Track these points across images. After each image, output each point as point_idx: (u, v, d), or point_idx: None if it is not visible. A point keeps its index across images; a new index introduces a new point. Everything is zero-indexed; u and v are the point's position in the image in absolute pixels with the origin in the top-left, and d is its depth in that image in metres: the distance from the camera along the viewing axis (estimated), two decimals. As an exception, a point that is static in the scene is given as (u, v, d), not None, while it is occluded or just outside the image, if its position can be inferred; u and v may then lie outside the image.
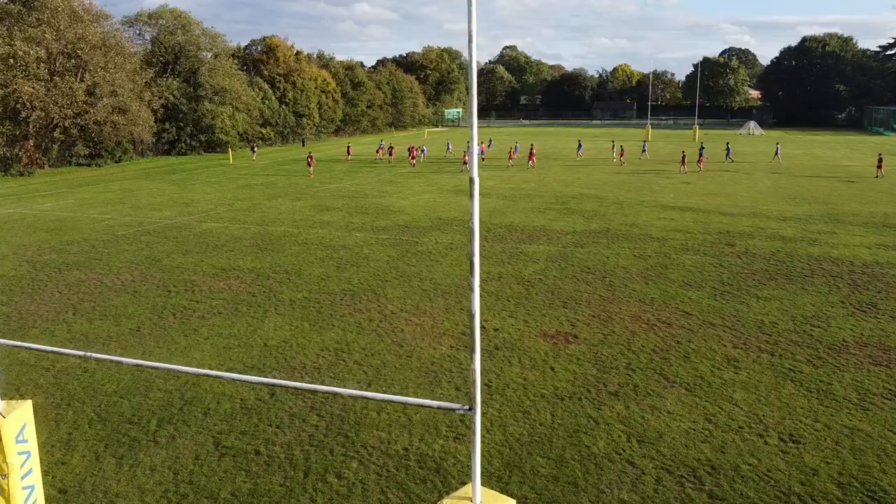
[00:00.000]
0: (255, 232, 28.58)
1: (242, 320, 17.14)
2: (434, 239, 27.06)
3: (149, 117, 55.78)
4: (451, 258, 23.73)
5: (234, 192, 41.12)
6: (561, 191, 40.63)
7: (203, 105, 65.18)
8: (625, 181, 44.97)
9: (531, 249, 25.04)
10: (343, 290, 19.80)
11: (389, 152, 60.35)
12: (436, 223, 30.45)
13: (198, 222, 30.97)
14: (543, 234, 27.82)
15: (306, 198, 38.45)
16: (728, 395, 12.76)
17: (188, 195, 40.05)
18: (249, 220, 31.32)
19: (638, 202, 36.11)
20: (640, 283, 20.52)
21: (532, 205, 35.42)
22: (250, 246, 25.86)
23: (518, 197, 38.12)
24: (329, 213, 33.33)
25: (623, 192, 39.69)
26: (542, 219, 31.38)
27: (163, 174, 52.07)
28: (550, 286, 20.15)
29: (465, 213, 32.83)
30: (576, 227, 29.45)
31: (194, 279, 21.09)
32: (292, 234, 28.21)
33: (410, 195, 39.10)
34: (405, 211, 33.74)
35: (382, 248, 25.37)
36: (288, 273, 21.80)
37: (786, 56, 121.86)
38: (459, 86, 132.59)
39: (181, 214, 33.18)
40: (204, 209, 34.79)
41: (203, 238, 27.41)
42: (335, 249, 25.23)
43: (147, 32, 65.93)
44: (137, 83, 56.59)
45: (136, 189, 43.12)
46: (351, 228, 29.30)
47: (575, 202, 36.19)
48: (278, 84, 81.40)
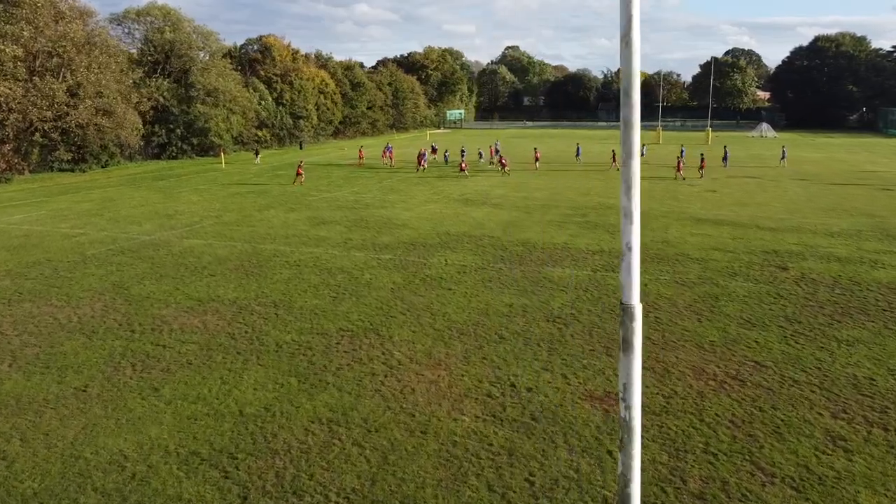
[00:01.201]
0: (242, 251, 25.40)
1: (216, 374, 13.96)
2: (444, 259, 23.90)
3: (136, 120, 52.58)
4: (465, 285, 20.56)
5: (223, 202, 37.94)
6: (577, 200, 37.48)
7: (195, 107, 62.00)
8: (645, 189, 41.77)
9: (556, 274, 21.87)
10: (340, 330, 16.63)
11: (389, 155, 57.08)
12: (444, 239, 27.30)
13: (179, 238, 27.79)
14: (567, 254, 24.65)
15: (301, 208, 35.28)
16: (850, 497, 9.60)
17: (173, 205, 36.87)
18: (237, 236, 28.14)
19: (664, 214, 32.96)
20: (690, 319, 17.36)
21: (549, 217, 32.26)
22: (235, 269, 22.67)
23: (532, 208, 34.95)
24: (325, 227, 30.16)
25: (645, 202, 36.52)
26: (563, 234, 28.22)
27: (149, 180, 48.87)
28: (586, 324, 16.98)
29: (476, 228, 29.70)
30: (602, 244, 26.28)
31: (165, 314, 17.90)
32: (283, 253, 25.03)
33: (414, 205, 35.94)
34: (409, 224, 30.58)
35: (385, 272, 22.20)
36: (276, 305, 18.63)
37: (797, 56, 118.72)
38: (462, 86, 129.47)
39: (162, 228, 30.01)
40: (188, 222, 31.61)
41: (182, 259, 24.22)
42: (331, 273, 22.05)
43: (136, 31, 62.78)
44: (124, 84, 53.39)
45: (118, 198, 39.93)
46: (349, 246, 26.13)
47: (595, 214, 33.03)
48: (275, 85, 78.22)
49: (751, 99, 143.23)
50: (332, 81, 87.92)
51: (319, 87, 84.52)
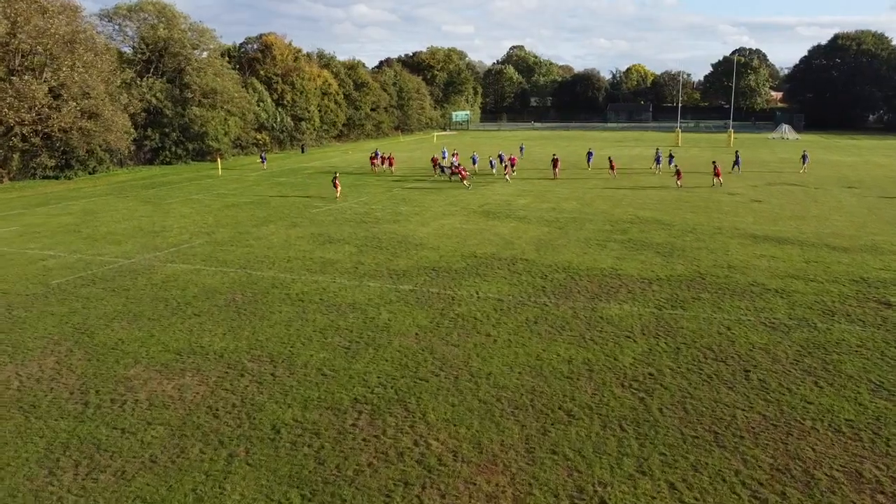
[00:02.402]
0: (236, 280, 21.55)
1: (187, 483, 10.11)
2: (475, 291, 20.04)
3: (125, 123, 48.80)
4: (506, 329, 16.70)
5: (218, 215, 34.11)
6: (612, 212, 33.59)
7: (191, 109, 58.20)
8: (682, 199, 37.91)
9: (614, 312, 18.00)
10: (356, 401, 12.78)
11: (389, 162, 51.68)
12: (471, 263, 23.43)
13: (163, 263, 23.95)
14: (619, 283, 20.78)
15: (304, 223, 31.45)
16: None
17: (160, 219, 33.04)
18: (230, 259, 24.30)
19: (715, 230, 29.07)
20: (807, 384, 13.47)
21: (585, 233, 28.40)
22: (225, 305, 18.82)
23: (564, 222, 31.08)
24: (332, 247, 26.32)
25: (689, 215, 32.66)
26: (607, 256, 24.35)
27: (139, 189, 45.06)
28: (675, 392, 13.10)
29: (505, 247, 25.84)
30: (656, 269, 22.41)
31: (132, 375, 14.06)
32: (284, 282, 21.19)
33: (431, 219, 32.08)
34: (429, 243, 26.73)
35: (407, 310, 18.34)
36: (273, 361, 14.78)
37: (815, 55, 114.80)
38: (468, 87, 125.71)
39: (145, 249, 26.18)
40: (175, 240, 27.78)
41: (163, 291, 20.38)
42: (341, 311, 18.20)
43: (128, 28, 59.03)
44: (113, 84, 49.62)
45: (101, 210, 36.12)
46: (361, 273, 22.27)
47: (637, 230, 29.15)
48: (275, 85, 74.48)
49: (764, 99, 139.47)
50: (335, 82, 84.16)
51: (322, 87, 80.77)
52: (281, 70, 75.93)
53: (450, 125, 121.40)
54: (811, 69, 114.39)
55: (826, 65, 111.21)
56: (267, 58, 76.81)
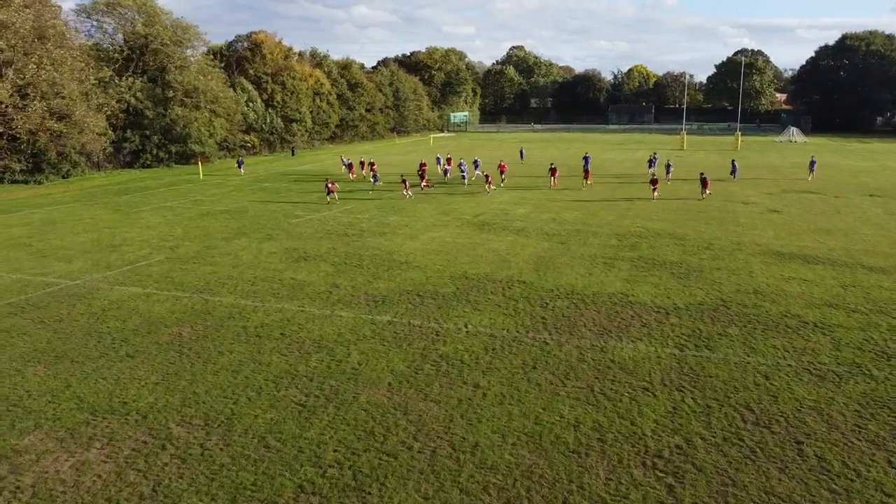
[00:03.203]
0: (188, 307, 18.66)
1: None
2: (464, 324, 17.16)
3: (98, 124, 45.84)
4: (498, 377, 13.83)
5: (188, 225, 31.24)
6: (619, 224, 30.73)
7: (173, 109, 55.29)
8: (695, 209, 35.04)
9: (627, 354, 15.13)
10: (300, 490, 9.89)
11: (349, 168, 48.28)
12: (462, 286, 20.56)
13: (110, 285, 21.06)
14: (631, 313, 17.91)
15: (280, 236, 28.57)
16: None
17: (125, 230, 30.16)
18: (188, 281, 21.41)
19: (734, 245, 26.20)
20: (878, 464, 10.61)
21: (590, 249, 25.52)
22: (167, 344, 15.94)
23: (566, 235, 28.20)
24: (307, 265, 23.43)
25: (703, 228, 29.79)
26: (615, 278, 21.47)
27: (111, 195, 42.17)
28: (712, 479, 10.22)
29: (501, 266, 22.97)
30: (672, 295, 19.54)
31: (24, 447, 11.18)
32: (244, 311, 18.31)
33: (421, 231, 29.21)
34: (415, 261, 23.85)
35: (382, 349, 15.46)
36: (208, 425, 11.91)
37: (822, 56, 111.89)
38: (466, 87, 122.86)
39: (96, 268, 23.29)
40: (133, 257, 24.90)
41: (101, 322, 17.49)
42: (304, 352, 15.32)
43: (107, 24, 56.09)
44: (87, 83, 46.72)
45: (62, 220, 33.24)
46: (335, 300, 19.38)
47: (647, 245, 26.28)
48: (265, 85, 71.58)
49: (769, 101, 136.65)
50: (328, 81, 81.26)
51: (314, 87, 77.87)
52: (271, 69, 73.04)
53: (448, 127, 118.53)
54: (818, 70, 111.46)
55: (834, 66, 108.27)
56: (256, 56, 73.93)
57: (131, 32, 55.02)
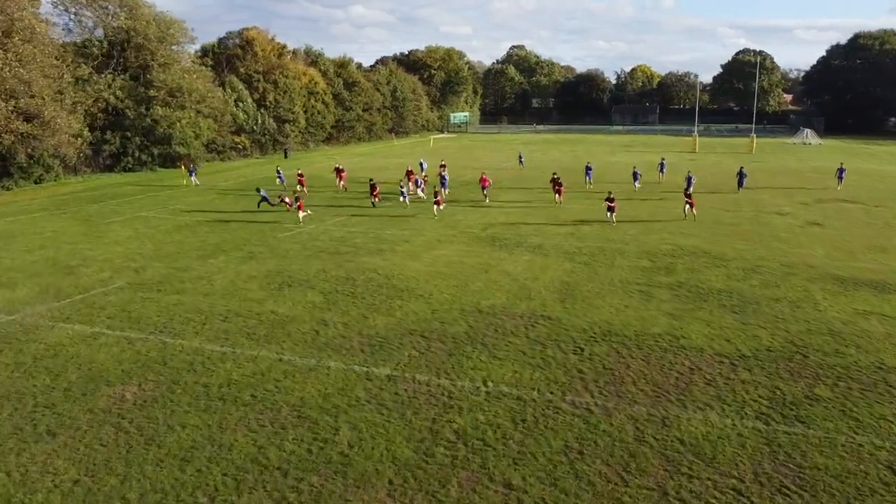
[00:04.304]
0: (141, 354, 15.13)
1: None
2: (482, 380, 13.68)
3: (71, 125, 42.25)
4: (536, 466, 10.36)
5: (161, 240, 27.70)
6: (645, 240, 27.26)
7: (155, 109, 51.66)
8: (725, 221, 31.60)
9: (698, 429, 11.66)
10: None
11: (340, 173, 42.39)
12: (476, 324, 17.07)
13: (53, 322, 17.52)
14: (688, 364, 14.43)
15: (264, 254, 25.05)
16: None
17: (88, 246, 26.61)
18: (146, 317, 17.88)
19: (784, 268, 22.73)
20: None
21: (620, 273, 22.05)
22: (104, 411, 12.42)
23: (590, 254, 24.72)
24: (292, 293, 19.91)
25: (742, 245, 26.34)
26: (658, 311, 18.01)
27: (83, 203, 38.57)
28: None
29: (520, 296, 19.50)
30: (732, 337, 16.08)
31: None
32: (209, 360, 14.79)
33: (423, 249, 25.72)
34: (418, 287, 20.36)
35: (380, 422, 11.98)
36: (134, 559, 8.40)
37: (834, 55, 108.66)
38: (467, 87, 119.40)
39: (43, 297, 19.75)
40: (89, 282, 21.36)
41: (26, 379, 13.96)
42: (279, 426, 11.83)
43: (87, 18, 52.43)
44: (61, 81, 43.13)
45: (19, 233, 29.65)
46: (323, 343, 15.88)
47: (684, 267, 22.81)
48: (256, 84, 68.01)
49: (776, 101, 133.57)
50: (323, 80, 77.69)
51: (308, 86, 74.32)
52: (263, 67, 69.47)
53: (448, 127, 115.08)
54: (829, 70, 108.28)
55: (846, 66, 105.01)
56: (248, 54, 70.34)
57: (112, 27, 51.39)
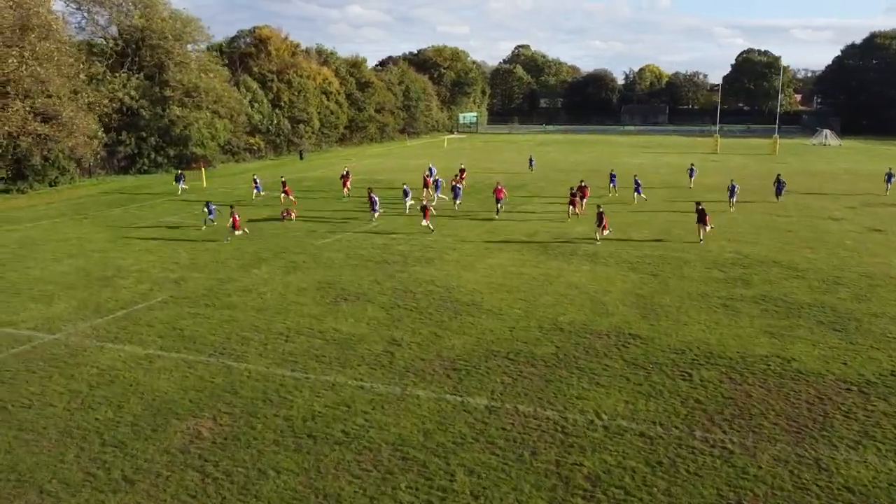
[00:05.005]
0: (205, 381, 13.70)
1: None
2: (594, 411, 12.28)
3: (90, 126, 40.79)
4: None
5: (194, 248, 26.25)
6: (705, 248, 25.84)
7: (171, 109, 50.21)
8: (781, 227, 30.24)
9: (861, 474, 10.30)
10: None
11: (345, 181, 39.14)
12: (561, 343, 15.67)
13: (100, 343, 16.07)
14: (812, 392, 13.04)
15: (308, 264, 23.60)
16: None
17: (118, 255, 25.14)
18: (201, 336, 16.45)
19: (865, 279, 21.33)
20: None
21: (693, 285, 20.64)
22: (182, 452, 11.00)
23: (653, 264, 23.31)
24: (350, 308, 18.46)
25: (809, 253, 24.95)
26: (752, 329, 16.62)
27: (103, 207, 37.10)
28: None
29: (597, 311, 18.11)
30: (846, 359, 14.70)
31: None
32: (283, 387, 13.36)
33: (475, 258, 24.29)
34: (485, 302, 18.94)
35: (497, 464, 10.60)
36: None
37: (848, 55, 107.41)
38: (477, 87, 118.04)
39: (81, 312, 18.29)
40: (129, 295, 19.90)
41: (84, 412, 12.52)
42: (385, 471, 10.43)
43: (100, 16, 50.95)
44: (76, 80, 41.68)
45: (43, 240, 28.18)
46: (402, 368, 14.44)
47: (760, 278, 21.41)
48: (270, 83, 66.52)
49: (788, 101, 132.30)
50: (337, 80, 76.25)
51: (322, 86, 72.87)
52: (277, 67, 68.00)
53: (457, 128, 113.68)
54: (843, 70, 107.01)
55: (861, 65, 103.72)
56: (261, 53, 68.87)
57: (127, 25, 49.92)
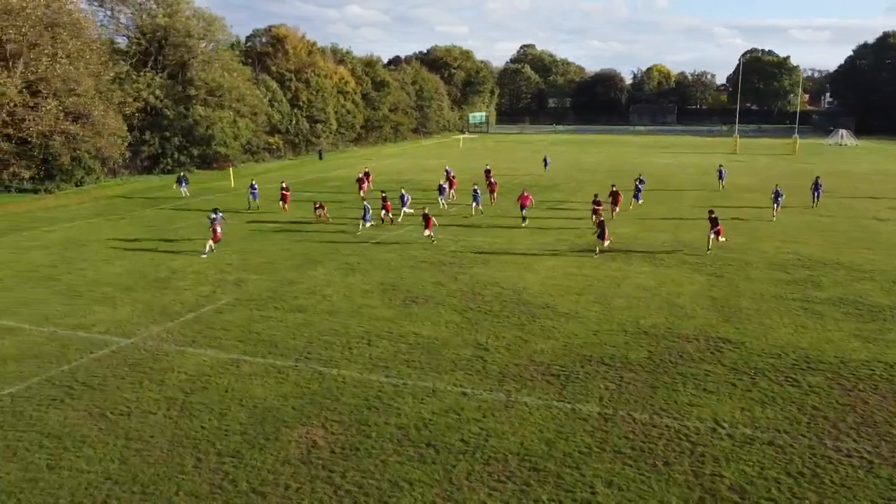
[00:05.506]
0: (300, 387, 13.30)
1: None
2: (712, 418, 11.91)
3: (119, 126, 40.36)
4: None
5: (242, 249, 25.82)
6: (760, 248, 25.47)
7: (194, 108, 49.77)
8: (826, 227, 29.91)
9: None
10: None
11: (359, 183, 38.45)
12: (653, 348, 15.29)
13: (179, 347, 15.66)
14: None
15: (364, 266, 23.17)
16: None
17: (167, 257, 24.69)
18: (281, 340, 16.04)
19: (937, 280, 21.01)
20: None
21: (763, 286, 20.22)
22: (301, 462, 10.61)
23: (715, 265, 22.92)
24: (422, 311, 18.06)
25: (866, 253, 24.59)
26: (841, 332, 16.31)
27: (135, 206, 36.67)
28: None
29: (674, 313, 17.72)
30: (954, 366, 14.33)
31: None
32: (383, 393, 12.96)
33: (532, 259, 23.88)
34: (557, 304, 18.54)
35: (632, 475, 10.24)
36: None
37: (861, 55, 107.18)
38: (487, 86, 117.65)
39: (149, 316, 17.87)
40: (192, 297, 19.48)
41: (187, 419, 12.11)
42: (521, 482, 10.08)
43: (122, 14, 50.54)
44: (104, 79, 41.23)
45: (86, 240, 27.74)
46: (496, 372, 14.04)
47: (829, 280, 21.03)
48: (288, 83, 66.07)
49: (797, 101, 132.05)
50: (353, 79, 75.83)
51: (338, 85, 72.44)
52: (294, 66, 67.55)
53: (468, 128, 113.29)
54: (855, 70, 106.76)
55: (874, 66, 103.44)
56: (278, 52, 68.43)
57: (150, 24, 49.46)
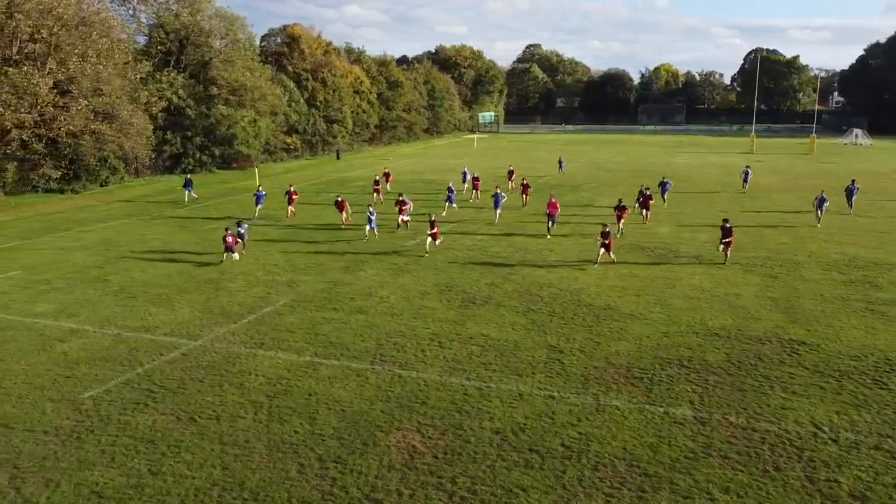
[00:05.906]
0: (384, 391, 13.10)
1: None
2: (810, 422, 11.73)
3: (145, 125, 40.19)
4: None
5: (281, 250, 25.62)
6: (808, 249, 25.27)
7: (217, 108, 49.59)
8: (863, 228, 29.70)
9: None
10: None
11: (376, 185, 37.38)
12: (726, 349, 15.09)
13: (249, 349, 15.47)
14: None
15: (412, 267, 22.98)
16: None
17: (211, 258, 24.51)
18: (350, 342, 15.85)
19: None
20: None
21: (821, 287, 20.05)
22: (405, 467, 10.44)
23: (767, 265, 22.71)
24: (483, 312, 17.86)
25: (920, 255, 24.41)
26: (918, 336, 16.08)
27: (164, 206, 36.48)
28: None
29: (738, 314, 17.55)
30: None
31: None
32: (468, 396, 12.77)
33: (580, 261, 23.68)
34: (619, 305, 18.35)
35: (747, 481, 10.05)
36: None
37: (872, 54, 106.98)
38: (496, 86, 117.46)
39: (209, 317, 17.68)
40: (248, 299, 19.28)
41: (278, 423, 11.94)
42: (636, 488, 9.88)
43: (143, 13, 50.42)
44: (130, 78, 41.06)
45: (123, 240, 27.55)
46: (576, 375, 13.83)
47: (886, 281, 20.83)
48: (305, 82, 65.88)
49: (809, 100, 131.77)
50: (368, 79, 75.64)
51: (354, 85, 72.25)
52: (310, 65, 67.35)
53: (478, 127, 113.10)
54: (866, 69, 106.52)
55: (885, 65, 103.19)
56: (294, 52, 68.21)
57: (172, 23, 49.26)
